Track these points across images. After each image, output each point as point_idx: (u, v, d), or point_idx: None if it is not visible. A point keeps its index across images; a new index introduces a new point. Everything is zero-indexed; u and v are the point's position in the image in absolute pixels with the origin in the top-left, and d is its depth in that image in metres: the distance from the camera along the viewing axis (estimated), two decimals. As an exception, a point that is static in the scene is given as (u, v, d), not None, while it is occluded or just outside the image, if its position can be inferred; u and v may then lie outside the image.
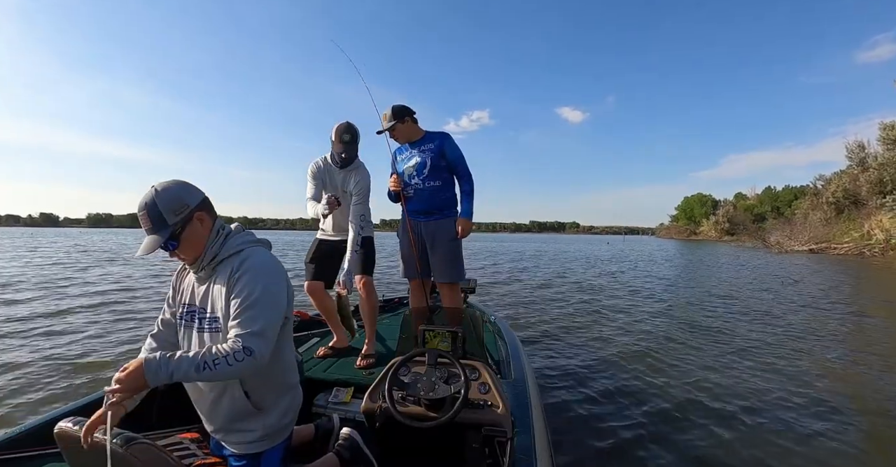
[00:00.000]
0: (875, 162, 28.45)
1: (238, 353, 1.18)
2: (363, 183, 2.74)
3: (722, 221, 65.46)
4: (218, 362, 1.16)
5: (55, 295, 8.04)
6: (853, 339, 5.43)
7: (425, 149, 2.77)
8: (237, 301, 1.28)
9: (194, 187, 1.36)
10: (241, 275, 1.31)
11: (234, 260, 1.35)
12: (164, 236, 1.27)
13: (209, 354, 1.17)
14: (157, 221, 1.27)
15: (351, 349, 2.77)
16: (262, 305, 1.28)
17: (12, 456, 1.46)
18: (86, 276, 11.10)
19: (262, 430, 1.38)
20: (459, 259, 2.83)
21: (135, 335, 5.15)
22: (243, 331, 1.23)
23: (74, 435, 1.08)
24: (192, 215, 1.31)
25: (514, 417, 1.59)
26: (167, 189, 1.29)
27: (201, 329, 1.36)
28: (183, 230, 1.30)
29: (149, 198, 1.27)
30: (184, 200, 1.31)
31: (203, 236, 1.34)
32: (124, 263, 15.49)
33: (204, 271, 1.37)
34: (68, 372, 3.85)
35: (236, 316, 1.26)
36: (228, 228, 1.42)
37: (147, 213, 1.26)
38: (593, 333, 5.60)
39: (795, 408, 3.22)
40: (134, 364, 1.12)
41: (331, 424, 1.89)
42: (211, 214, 1.37)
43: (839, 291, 9.70)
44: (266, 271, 1.34)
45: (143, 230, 1.29)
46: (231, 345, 1.20)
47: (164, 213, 1.27)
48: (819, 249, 27.04)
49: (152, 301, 7.60)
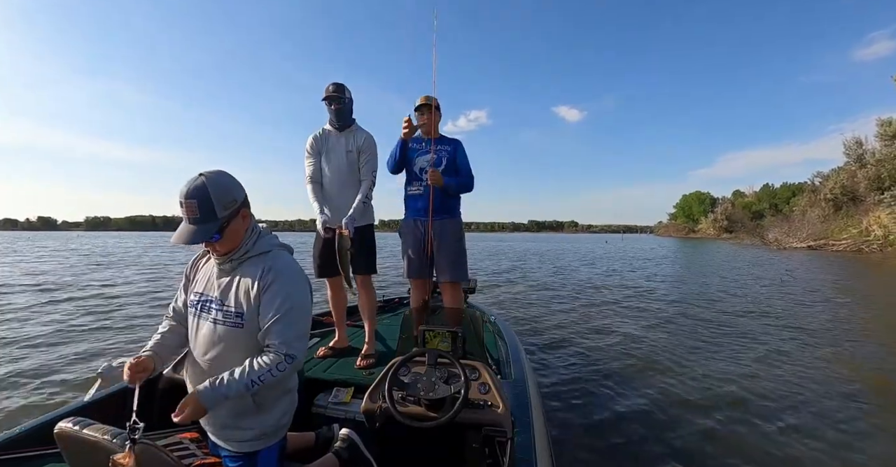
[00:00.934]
0: (873, 158, 28.50)
1: (281, 364, 1.27)
2: (370, 140, 2.69)
3: (720, 219, 65.70)
4: (264, 377, 1.25)
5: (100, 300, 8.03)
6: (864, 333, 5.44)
7: (441, 149, 2.78)
8: (273, 307, 1.29)
9: (239, 182, 1.34)
10: (274, 280, 1.31)
11: (262, 260, 1.36)
12: (212, 228, 1.26)
13: (254, 371, 1.25)
14: (206, 212, 1.24)
15: (351, 349, 2.77)
16: (297, 312, 1.33)
17: (12, 456, 1.46)
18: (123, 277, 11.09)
19: (259, 429, 1.38)
20: (464, 258, 2.83)
21: (139, 336, 5.16)
22: (284, 339, 1.29)
23: (74, 436, 1.08)
24: (239, 211, 1.31)
25: (514, 417, 1.58)
26: (219, 181, 1.27)
27: (216, 321, 1.35)
28: (228, 224, 1.29)
29: (200, 187, 1.23)
30: (234, 194, 1.30)
31: (241, 232, 1.34)
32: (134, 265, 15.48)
33: (230, 264, 1.36)
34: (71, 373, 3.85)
35: (275, 322, 1.29)
36: (259, 228, 1.42)
37: (198, 203, 1.23)
38: (593, 333, 5.61)
39: (796, 408, 3.23)
40: (190, 401, 1.20)
41: (331, 433, 1.89)
42: (250, 211, 1.37)
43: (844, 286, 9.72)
44: (296, 277, 1.37)
45: (186, 218, 1.25)
46: (273, 357, 1.27)
47: (216, 205, 1.24)
48: (817, 246, 27.13)
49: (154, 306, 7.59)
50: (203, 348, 1.36)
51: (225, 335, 1.33)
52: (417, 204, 2.79)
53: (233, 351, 1.33)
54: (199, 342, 1.37)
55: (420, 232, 2.79)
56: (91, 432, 1.06)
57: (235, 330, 1.33)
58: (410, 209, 2.84)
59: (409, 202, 2.85)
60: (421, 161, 2.77)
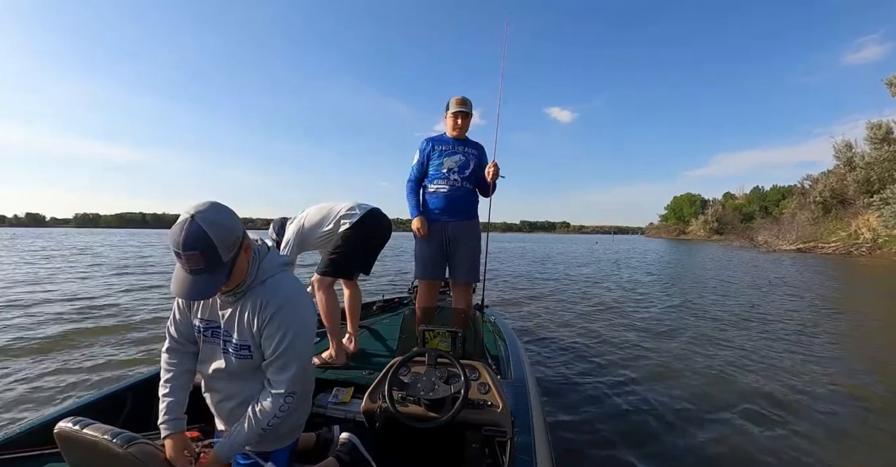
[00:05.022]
0: (862, 161, 28.82)
1: (283, 405, 1.27)
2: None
3: (711, 221, 66.23)
4: (272, 422, 1.27)
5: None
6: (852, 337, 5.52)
7: (469, 153, 2.80)
8: (272, 344, 1.26)
9: (233, 211, 1.20)
10: (272, 315, 1.25)
11: (261, 292, 1.28)
12: (221, 277, 1.16)
13: (260, 420, 1.26)
14: (211, 261, 1.11)
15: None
16: (297, 348, 1.29)
17: (12, 456, 1.46)
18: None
19: (275, 432, 1.39)
20: (479, 260, 2.85)
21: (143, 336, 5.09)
22: (284, 378, 1.27)
23: (74, 436, 1.07)
24: (242, 246, 1.20)
25: (514, 417, 1.59)
26: (218, 221, 1.12)
27: (227, 351, 1.33)
28: (234, 265, 1.19)
29: (199, 234, 1.08)
30: (235, 232, 1.17)
31: (245, 266, 1.25)
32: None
33: (233, 297, 1.29)
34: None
35: (275, 359, 1.27)
36: (258, 249, 1.31)
37: (200, 254, 1.09)
38: (593, 333, 5.62)
39: (795, 408, 3.23)
40: (210, 461, 1.24)
41: (331, 434, 1.89)
42: (249, 240, 1.27)
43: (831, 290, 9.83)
44: (295, 307, 1.29)
45: (187, 269, 1.12)
46: (273, 399, 1.26)
47: (221, 251, 1.12)
48: (807, 249, 27.43)
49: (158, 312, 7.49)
50: (216, 373, 1.36)
51: (237, 364, 1.33)
52: (440, 203, 2.77)
53: (245, 378, 1.35)
54: (213, 366, 1.36)
55: (442, 232, 2.77)
56: (91, 432, 1.06)
57: (247, 361, 1.32)
58: (432, 208, 2.80)
59: (432, 201, 2.80)
60: (449, 161, 2.76)
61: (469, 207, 2.84)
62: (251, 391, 1.34)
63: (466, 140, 2.86)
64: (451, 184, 2.74)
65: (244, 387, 1.35)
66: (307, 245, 2.62)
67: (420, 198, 2.86)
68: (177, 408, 1.33)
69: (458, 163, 2.74)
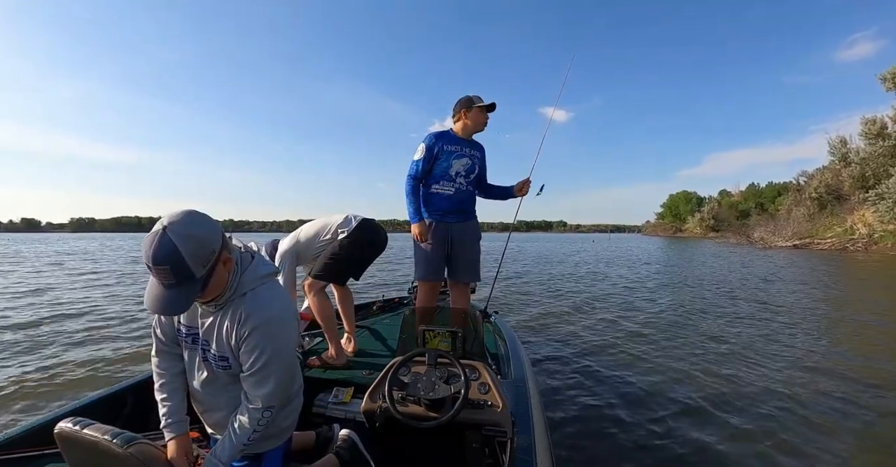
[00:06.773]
0: (857, 157, 28.90)
1: (262, 420, 1.26)
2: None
3: (707, 218, 66.45)
4: (252, 436, 1.26)
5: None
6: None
7: (475, 156, 2.80)
8: (249, 359, 1.23)
9: (212, 220, 1.14)
10: (250, 331, 1.21)
11: (241, 304, 1.24)
12: (193, 293, 1.12)
13: (241, 435, 1.25)
14: (182, 276, 1.07)
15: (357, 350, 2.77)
16: (275, 364, 1.25)
17: (12, 456, 1.45)
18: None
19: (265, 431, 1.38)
20: (479, 260, 2.88)
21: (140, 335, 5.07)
22: (261, 393, 1.25)
23: (75, 436, 1.07)
24: (219, 259, 1.15)
25: (514, 417, 1.59)
26: (192, 234, 1.06)
27: (207, 361, 1.32)
28: (209, 278, 1.14)
29: (169, 249, 1.03)
30: (211, 245, 1.11)
31: (224, 278, 1.20)
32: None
33: (213, 308, 1.26)
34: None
35: (252, 374, 1.25)
36: (240, 259, 1.26)
37: (171, 269, 1.04)
38: (594, 333, 5.62)
39: (795, 409, 3.23)
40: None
41: (331, 433, 1.89)
42: (230, 250, 1.21)
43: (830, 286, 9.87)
44: (277, 321, 1.25)
45: (159, 282, 1.09)
46: (251, 414, 1.26)
47: (193, 266, 1.07)
48: (803, 245, 27.55)
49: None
50: (198, 381, 1.36)
51: (218, 373, 1.33)
52: (444, 204, 2.75)
53: (226, 385, 1.35)
54: (195, 375, 1.37)
55: (445, 233, 2.76)
56: (91, 432, 1.06)
57: (228, 372, 1.31)
58: (435, 209, 2.77)
59: (435, 201, 2.77)
60: (458, 164, 2.74)
61: (471, 208, 2.88)
62: (235, 401, 1.33)
63: (472, 141, 2.84)
64: (458, 186, 2.73)
65: (228, 397, 1.35)
66: (304, 258, 2.65)
67: (420, 198, 2.81)
68: (178, 410, 1.33)
69: (466, 166, 2.73)
